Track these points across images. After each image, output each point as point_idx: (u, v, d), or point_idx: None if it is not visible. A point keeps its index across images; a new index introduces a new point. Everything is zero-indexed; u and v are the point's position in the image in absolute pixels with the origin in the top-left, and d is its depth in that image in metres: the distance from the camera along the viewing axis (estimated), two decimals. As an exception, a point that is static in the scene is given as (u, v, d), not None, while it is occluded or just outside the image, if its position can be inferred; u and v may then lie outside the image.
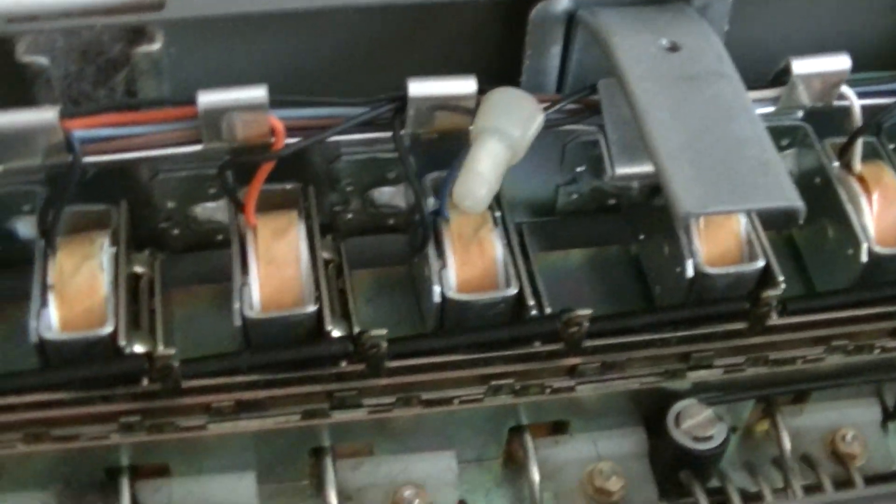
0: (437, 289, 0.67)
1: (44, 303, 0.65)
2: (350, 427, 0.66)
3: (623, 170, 0.66)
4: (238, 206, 0.68)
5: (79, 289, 0.65)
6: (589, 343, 0.67)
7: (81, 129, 0.64)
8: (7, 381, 0.64)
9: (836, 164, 0.76)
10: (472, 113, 0.66)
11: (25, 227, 0.72)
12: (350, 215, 0.76)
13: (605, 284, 0.80)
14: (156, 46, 0.65)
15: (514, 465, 0.71)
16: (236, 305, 0.65)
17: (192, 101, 0.63)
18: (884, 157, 0.76)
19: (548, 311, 0.69)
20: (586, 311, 0.65)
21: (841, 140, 0.76)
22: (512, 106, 0.64)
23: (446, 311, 0.67)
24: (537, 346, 0.68)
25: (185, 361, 0.64)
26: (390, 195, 0.74)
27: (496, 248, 0.68)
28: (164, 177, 0.71)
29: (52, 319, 0.65)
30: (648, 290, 0.78)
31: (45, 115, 0.62)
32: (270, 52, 0.70)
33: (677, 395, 0.69)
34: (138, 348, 0.66)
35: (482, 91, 0.66)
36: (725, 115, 0.63)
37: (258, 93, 0.63)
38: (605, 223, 0.83)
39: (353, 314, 0.68)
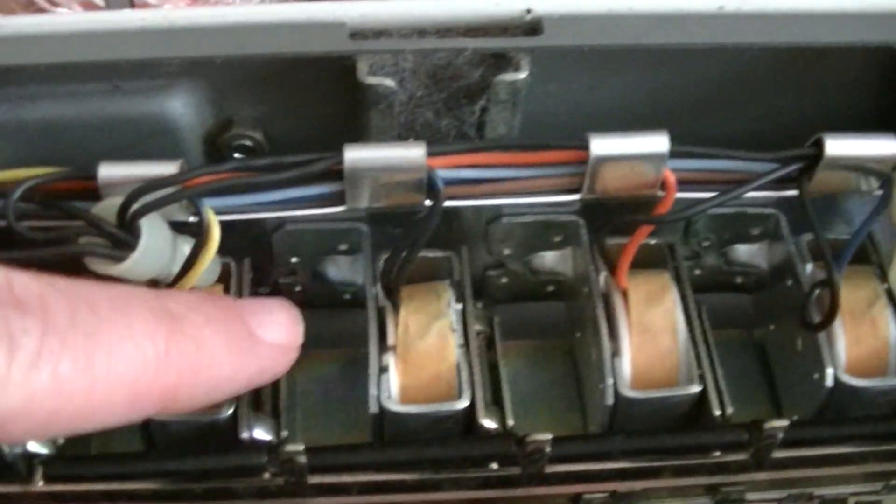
0: (830, 371, 0.58)
1: (383, 368, 0.56)
2: (727, 524, 0.58)
3: None
4: (609, 267, 0.59)
5: (426, 353, 0.57)
6: None
7: (445, 169, 0.55)
8: (342, 457, 0.55)
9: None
10: (883, 176, 0.58)
11: (336, 268, 0.64)
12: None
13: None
14: (522, 75, 0.56)
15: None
16: (609, 381, 0.57)
17: (580, 146, 0.55)
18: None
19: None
20: None
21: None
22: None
23: (835, 397, 0.59)
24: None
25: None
26: (749, 254, 0.66)
27: (891, 328, 0.60)
28: (507, 221, 0.62)
29: (393, 387, 0.56)
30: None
31: (412, 153, 0.54)
32: (628, 88, 0.60)
33: None
34: (490, 424, 0.57)
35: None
36: None
37: (661, 141, 0.55)
38: None
39: (724, 395, 0.59)
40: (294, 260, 0.63)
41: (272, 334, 0.50)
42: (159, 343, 0.44)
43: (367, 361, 0.57)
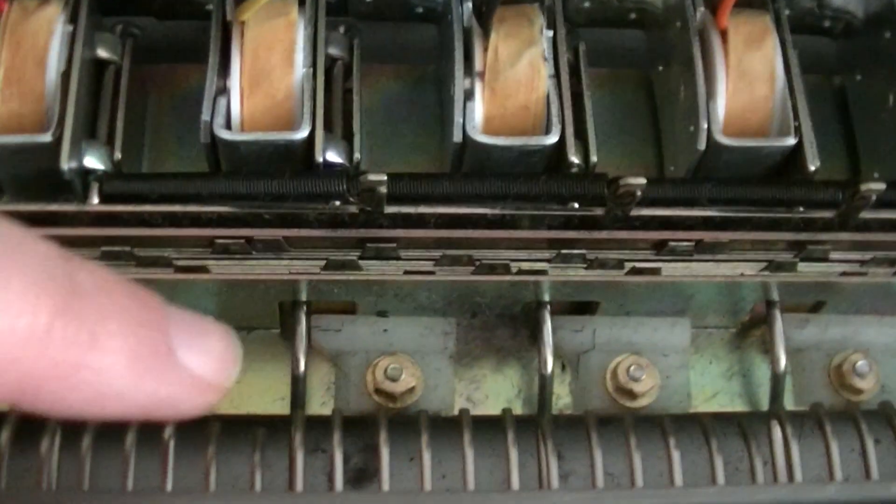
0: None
1: (469, 95, 0.53)
2: (801, 284, 0.56)
3: None
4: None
5: (516, 82, 0.54)
6: None
7: None
8: (422, 186, 0.52)
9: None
10: None
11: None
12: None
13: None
14: None
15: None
16: (704, 125, 0.54)
17: None
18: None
19: None
20: None
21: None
22: None
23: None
24: None
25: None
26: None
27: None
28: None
29: (478, 116, 0.53)
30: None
31: None
32: None
33: None
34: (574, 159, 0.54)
35: None
36: None
37: None
38: None
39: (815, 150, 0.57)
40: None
41: (197, 361, 0.38)
42: (41, 315, 0.33)
43: (433, 81, 0.55)
